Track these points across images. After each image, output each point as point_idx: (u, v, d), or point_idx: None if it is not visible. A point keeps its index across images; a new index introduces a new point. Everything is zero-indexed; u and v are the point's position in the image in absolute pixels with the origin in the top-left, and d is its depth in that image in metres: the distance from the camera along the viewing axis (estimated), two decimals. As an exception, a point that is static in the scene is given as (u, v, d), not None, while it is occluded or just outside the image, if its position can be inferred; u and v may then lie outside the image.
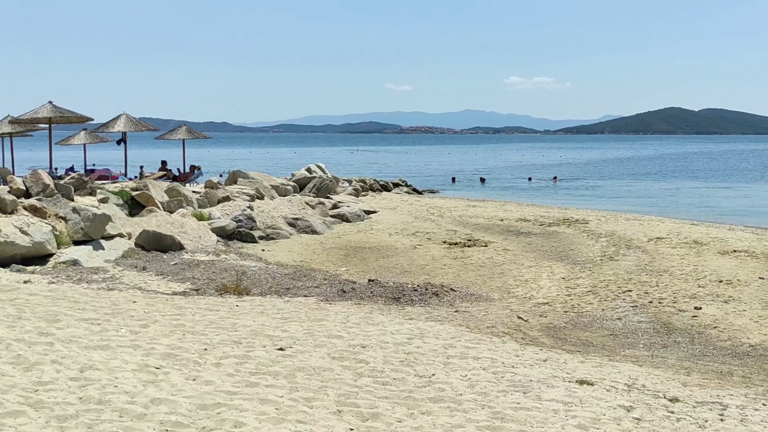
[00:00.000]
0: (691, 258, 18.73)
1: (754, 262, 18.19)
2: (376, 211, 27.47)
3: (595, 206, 36.76)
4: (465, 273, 16.96)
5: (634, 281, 15.94)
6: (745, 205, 39.67)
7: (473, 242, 21.00)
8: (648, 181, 60.37)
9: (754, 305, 13.72)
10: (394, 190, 41.15)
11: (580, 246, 21.13)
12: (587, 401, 7.23)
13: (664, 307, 13.63)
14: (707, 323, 12.54)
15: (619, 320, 12.86)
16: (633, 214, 31.43)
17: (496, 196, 43.36)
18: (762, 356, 10.73)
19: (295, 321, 10.37)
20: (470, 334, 10.56)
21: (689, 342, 11.55)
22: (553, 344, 10.82)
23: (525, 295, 14.83)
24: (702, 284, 15.63)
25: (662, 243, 21.14)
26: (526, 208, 32.50)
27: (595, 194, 46.92)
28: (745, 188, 51.81)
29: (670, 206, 38.80)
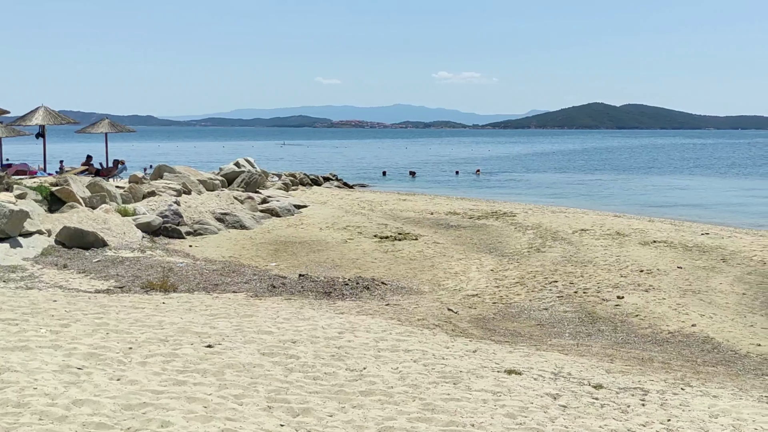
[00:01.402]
0: (614, 249, 19.32)
1: (673, 252, 18.91)
2: (306, 206, 27.30)
3: (523, 199, 37.51)
4: (396, 266, 17.03)
5: (560, 272, 16.32)
6: (665, 197, 41.21)
7: (404, 236, 21.11)
8: (573, 174, 61.97)
9: (673, 293, 14.26)
10: (325, 185, 40.99)
11: (508, 238, 21.50)
12: (515, 390, 7.35)
13: (588, 297, 14.01)
14: (629, 312, 12.95)
15: (546, 310, 13.15)
16: (559, 206, 32.21)
17: (426, 189, 43.71)
18: (680, 342, 11.16)
19: (224, 317, 10.19)
20: (401, 327, 10.60)
21: (612, 330, 11.90)
22: (483, 335, 10.97)
23: (455, 288, 14.99)
24: (624, 274, 16.14)
25: (587, 234, 21.74)
26: (456, 202, 32.88)
27: (523, 187, 47.86)
28: (665, 181, 53.80)
29: (594, 199, 39.93)
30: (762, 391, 8.24)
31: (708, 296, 14.30)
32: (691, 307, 13.13)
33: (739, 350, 10.68)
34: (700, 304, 13.49)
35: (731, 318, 12.57)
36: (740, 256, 18.27)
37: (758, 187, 49.04)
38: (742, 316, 12.81)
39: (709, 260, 17.89)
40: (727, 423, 6.71)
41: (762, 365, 9.93)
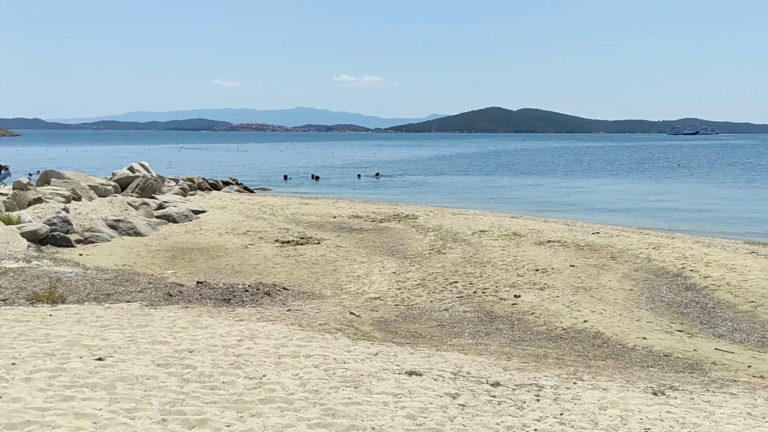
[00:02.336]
0: (511, 249, 19.86)
1: (566, 251, 19.63)
2: (205, 211, 26.68)
3: (425, 202, 38.05)
4: (298, 271, 16.88)
5: (460, 273, 16.63)
6: (559, 198, 42.79)
7: (306, 240, 20.96)
8: (473, 176, 63.42)
9: (566, 291, 14.79)
10: (225, 189, 40.22)
11: (410, 240, 21.73)
12: (416, 391, 7.40)
13: (487, 297, 14.33)
14: (525, 310, 13.33)
15: (446, 311, 13.35)
16: (459, 208, 32.87)
17: (329, 193, 43.66)
18: (573, 338, 11.58)
19: (116, 328, 9.78)
20: (302, 333, 10.49)
21: (510, 328, 12.21)
22: (384, 338, 11.02)
23: (357, 291, 15.00)
24: (521, 273, 16.61)
25: (485, 235, 22.25)
26: (359, 205, 32.98)
27: (425, 190, 48.57)
28: (559, 182, 55.88)
29: (492, 200, 40.98)
30: (647, 382, 8.64)
31: (598, 293, 14.92)
32: (583, 304, 13.65)
33: (627, 344, 11.19)
34: (591, 301, 14.06)
35: (619, 313, 13.16)
36: (628, 254, 19.16)
37: (644, 187, 51.69)
38: (630, 311, 13.44)
39: (599, 258, 18.67)
40: (615, 414, 6.99)
41: (647, 357, 10.44)
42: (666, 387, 8.34)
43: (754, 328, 12.81)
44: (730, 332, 12.57)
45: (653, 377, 9.08)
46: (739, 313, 13.81)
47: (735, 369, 9.94)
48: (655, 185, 53.74)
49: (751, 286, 15.52)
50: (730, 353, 10.81)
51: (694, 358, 10.45)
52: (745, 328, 12.86)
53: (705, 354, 10.70)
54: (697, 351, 10.83)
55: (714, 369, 9.93)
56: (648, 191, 48.46)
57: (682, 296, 15.09)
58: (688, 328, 12.63)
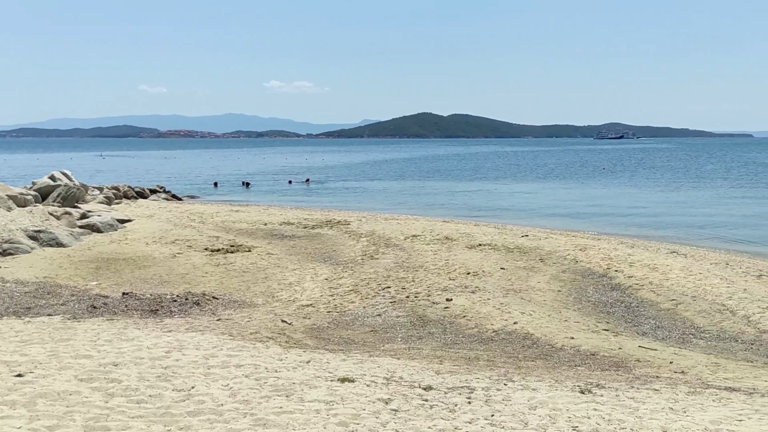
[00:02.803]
0: (443, 253, 20.04)
1: (497, 254, 19.93)
2: (131, 220, 25.98)
3: (357, 207, 38.07)
4: (228, 280, 16.61)
5: (392, 278, 16.66)
6: (490, 202, 43.48)
7: (236, 248, 20.65)
8: (405, 181, 63.81)
9: (497, 294, 15.01)
10: (152, 197, 39.29)
11: (342, 246, 21.68)
12: (348, 398, 7.36)
13: (419, 301, 14.41)
14: (457, 313, 13.46)
15: (379, 316, 13.36)
16: (392, 213, 33.00)
17: (260, 200, 43.18)
18: (504, 340, 11.75)
19: (37, 343, 9.41)
20: (233, 342, 10.31)
21: (442, 332, 12.31)
22: (317, 345, 10.94)
23: (289, 298, 14.86)
24: (452, 277, 16.77)
25: (418, 240, 22.40)
26: (290, 211, 32.73)
27: (357, 196, 48.59)
28: (489, 186, 56.78)
29: (425, 205, 41.32)
30: (575, 381, 8.84)
31: (528, 294, 15.21)
32: (513, 306, 13.88)
33: (556, 344, 11.42)
34: (521, 303, 14.31)
35: (548, 314, 13.43)
36: (556, 256, 19.61)
37: (571, 190, 53.04)
38: (558, 312, 13.74)
39: (528, 261, 19.04)
40: (545, 413, 7.11)
41: (575, 357, 10.68)
42: (593, 385, 8.54)
43: (675, 326, 13.28)
44: (653, 330, 13.00)
45: (581, 376, 9.29)
46: (661, 311, 14.30)
47: (658, 365, 10.27)
48: (581, 188, 55.21)
49: (672, 284, 16.10)
50: (653, 350, 11.16)
51: (619, 356, 10.75)
52: (667, 325, 13.32)
53: (629, 352, 11.02)
54: (622, 349, 11.14)
55: (638, 366, 10.23)
56: (575, 194, 49.75)
57: (607, 296, 15.53)
58: (613, 326, 13.00)
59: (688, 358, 10.76)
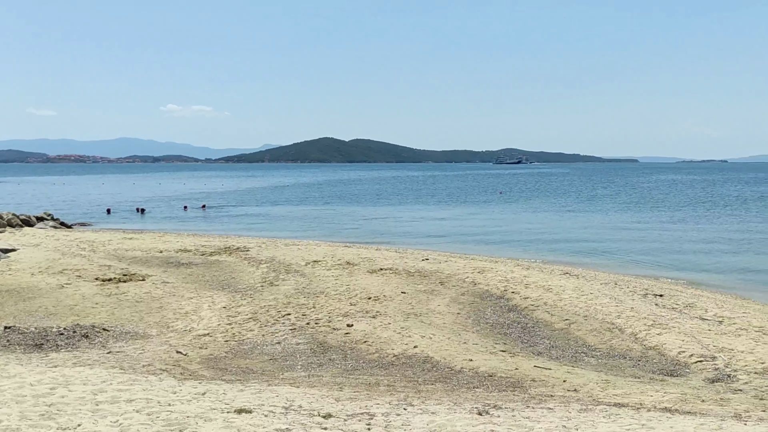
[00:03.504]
0: (345, 278, 19.98)
1: (398, 278, 20.06)
2: (15, 249, 24.57)
3: (257, 233, 37.55)
4: (120, 310, 15.92)
5: (293, 304, 16.45)
6: (391, 226, 43.85)
7: (129, 277, 19.87)
8: (306, 207, 63.53)
9: (398, 318, 15.07)
10: (38, 225, 37.39)
11: (241, 273, 21.26)
12: (245, 430, 7.15)
13: (320, 327, 14.27)
14: (358, 339, 13.40)
15: (278, 344, 13.13)
16: (292, 239, 32.70)
17: (155, 227, 41.90)
18: (404, 364, 11.78)
19: None
20: (124, 376, 9.86)
21: (342, 358, 12.21)
22: (213, 375, 10.62)
23: (185, 328, 14.39)
24: (354, 302, 16.72)
25: (319, 266, 22.25)
26: (187, 238, 31.86)
27: (257, 221, 47.96)
28: (391, 210, 57.30)
29: (326, 230, 41.21)
30: (473, 402, 8.94)
31: (428, 318, 15.35)
32: (414, 330, 13.96)
33: (455, 366, 11.55)
34: (421, 326, 14.41)
35: (448, 337, 13.58)
36: (455, 279, 19.93)
37: (470, 214, 54.26)
38: (457, 335, 13.92)
39: (429, 284, 19.25)
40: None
41: (473, 379, 10.83)
42: (490, 406, 8.66)
43: (569, 345, 13.72)
44: (548, 349, 13.38)
45: (479, 397, 9.42)
46: (555, 331, 14.74)
47: (552, 384, 10.55)
48: (479, 212, 56.61)
49: (565, 305, 16.66)
50: (547, 369, 11.46)
51: (515, 377, 10.97)
52: (561, 344, 13.74)
53: (525, 372, 11.27)
54: (519, 369, 11.39)
55: (533, 386, 10.48)
56: (474, 218, 50.94)
57: (505, 317, 15.88)
58: (510, 347, 13.28)
59: (581, 376, 11.11)
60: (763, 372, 11.65)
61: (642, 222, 46.99)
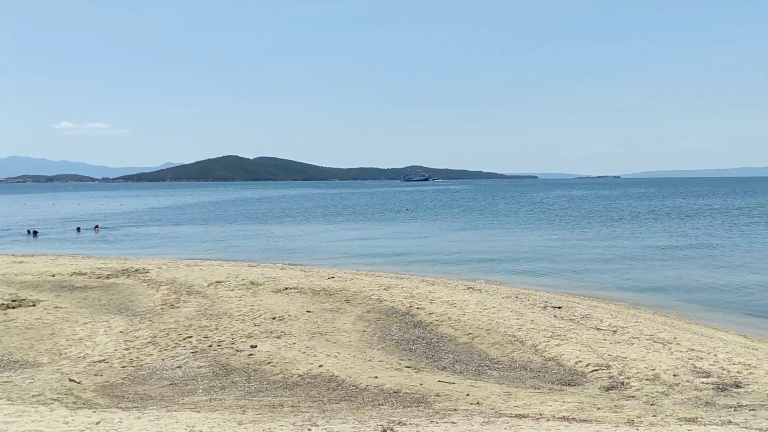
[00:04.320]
0: (249, 299, 19.63)
1: (303, 297, 19.88)
2: None
3: (157, 254, 36.43)
4: (8, 338, 15.03)
5: (194, 327, 15.99)
6: (298, 244, 43.50)
7: (19, 302, 18.80)
8: (210, 226, 62.22)
9: (303, 337, 14.92)
10: None
11: (140, 296, 20.51)
12: (141, 460, 6.87)
13: (223, 350, 13.93)
14: (262, 360, 13.17)
15: (179, 368, 12.73)
16: (195, 259, 31.91)
17: (48, 249, 39.98)
18: (309, 384, 11.65)
19: None
20: (12, 407, 9.31)
21: (246, 380, 11.96)
22: (109, 403, 10.17)
23: (79, 355, 13.74)
24: (258, 323, 16.44)
25: (222, 286, 21.76)
26: (83, 261, 30.52)
27: (158, 242, 46.58)
28: (297, 229, 56.88)
29: (229, 249, 40.46)
30: (378, 420, 8.93)
31: (334, 336, 15.26)
32: (319, 349, 13.84)
33: (360, 384, 11.51)
34: (327, 345, 14.31)
35: (353, 355, 13.54)
36: (361, 296, 19.93)
37: (377, 231, 54.57)
38: (363, 352, 13.90)
39: (335, 302, 19.17)
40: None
41: (378, 396, 10.82)
42: (395, 423, 8.67)
43: (472, 358, 13.94)
44: (452, 364, 13.55)
45: (384, 415, 9.41)
46: (459, 345, 14.96)
47: (456, 398, 10.68)
48: (386, 229, 57.04)
49: (469, 319, 16.94)
50: (451, 384, 11.60)
51: (420, 392, 11.04)
52: (465, 359, 13.95)
53: (430, 387, 11.36)
54: (423, 385, 11.47)
55: (438, 400, 10.57)
56: (380, 235, 51.26)
57: (410, 333, 15.98)
58: (415, 363, 13.36)
59: (483, 389, 11.30)
60: (653, 378, 12.19)
61: (542, 236, 48.59)
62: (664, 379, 12.19)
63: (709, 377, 12.32)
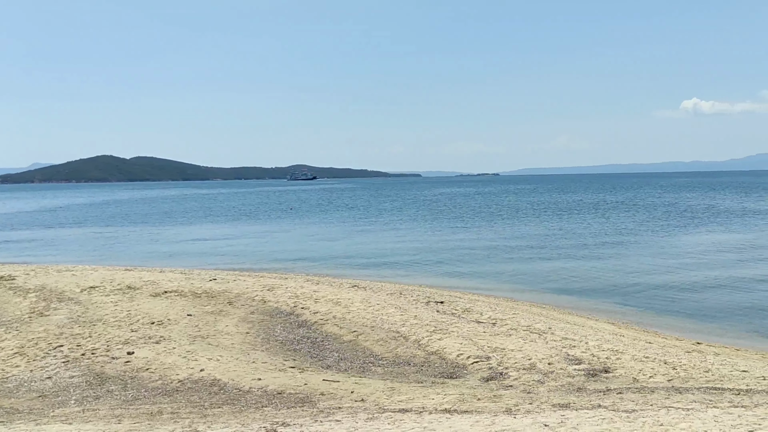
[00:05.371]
0: (125, 303, 18.84)
1: (183, 300, 19.30)
2: None
3: (25, 259, 34.37)
4: None
5: (66, 335, 15.19)
6: (177, 247, 42.21)
7: None
8: (84, 228, 59.30)
9: (183, 341, 14.48)
10: None
11: (5, 305, 19.25)
12: (4, 479, 6.44)
13: (97, 358, 13.30)
14: (140, 366, 12.67)
15: (49, 379, 12.05)
16: (66, 264, 30.29)
17: None
18: (190, 389, 11.32)
19: None
20: None
21: (122, 388, 11.47)
22: (-31, 421, 9.47)
23: (-65, 370, 12.72)
24: (135, 328, 15.82)
25: (96, 292, 20.78)
26: (-60, 269, 28.33)
27: (26, 247, 43.91)
28: (177, 230, 55.17)
29: (106, 253, 38.74)
30: (261, 422, 8.79)
31: (216, 339, 14.91)
32: (200, 353, 13.48)
33: (243, 387, 11.31)
34: (208, 348, 13.96)
35: (236, 357, 13.28)
36: (244, 298, 19.57)
37: (260, 231, 53.82)
38: (246, 354, 13.67)
39: (217, 305, 18.73)
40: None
41: (262, 398, 10.66)
42: (278, 424, 8.56)
43: (357, 356, 14.01)
44: (337, 362, 13.55)
45: (267, 416, 9.28)
46: (344, 343, 14.99)
47: (340, 396, 10.68)
48: (270, 229, 56.36)
49: (353, 317, 17.01)
50: (335, 382, 11.60)
51: (304, 392, 10.97)
52: (349, 356, 13.99)
53: (314, 386, 11.31)
54: (307, 384, 11.40)
55: (322, 399, 10.54)
56: (262, 235, 50.60)
57: (294, 333, 15.86)
58: (299, 363, 13.27)
59: (368, 386, 11.37)
60: (530, 368, 12.69)
61: (426, 233, 49.50)
62: (539, 367, 12.72)
63: (581, 364, 12.96)
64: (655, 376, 12.30)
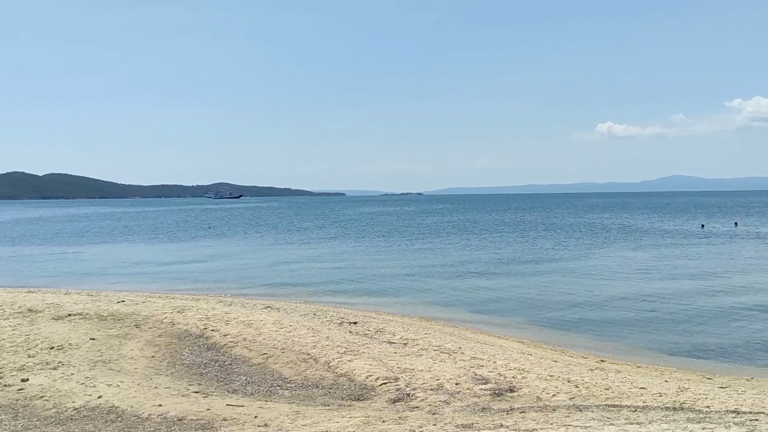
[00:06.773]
0: (24, 327, 18.00)
1: (88, 323, 18.59)
2: None
3: None
4: None
5: (-44, 362, 14.37)
6: (88, 267, 40.71)
7: None
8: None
9: (83, 367, 13.91)
10: None
11: None
12: None
13: (-12, 386, 12.62)
14: (34, 394, 12.09)
15: (-68, 410, 11.33)
16: (-36, 286, 28.81)
17: None
18: (85, 417, 10.85)
19: None
20: None
21: (12, 418, 10.90)
22: None
23: None
24: (32, 354, 15.11)
25: (-7, 315, 19.80)
26: None
27: None
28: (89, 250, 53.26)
29: (8, 273, 37.03)
30: (155, 452, 8.50)
31: (118, 364, 14.39)
32: (100, 379, 12.98)
33: (142, 414, 10.92)
34: (109, 374, 13.46)
35: (138, 383, 12.85)
36: (153, 320, 19.02)
37: (175, 251, 52.54)
38: (149, 379, 13.23)
39: (123, 328, 18.12)
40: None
41: (161, 425, 10.32)
42: (173, 453, 8.29)
43: (265, 379, 13.77)
44: (243, 386, 13.28)
45: (163, 445, 8.98)
46: (253, 366, 14.72)
47: (243, 422, 10.45)
48: (185, 249, 55.12)
49: (264, 339, 16.75)
50: (240, 407, 11.35)
51: (206, 418, 10.69)
52: (257, 380, 13.74)
53: (217, 411, 11.03)
54: (210, 410, 11.11)
55: (224, 425, 10.28)
56: (177, 255, 49.43)
57: (202, 356, 15.48)
58: (204, 388, 12.94)
59: (272, 410, 11.17)
60: (437, 388, 12.75)
61: (346, 252, 49.46)
62: (447, 387, 12.80)
63: (488, 383, 13.12)
64: (558, 394, 12.58)
